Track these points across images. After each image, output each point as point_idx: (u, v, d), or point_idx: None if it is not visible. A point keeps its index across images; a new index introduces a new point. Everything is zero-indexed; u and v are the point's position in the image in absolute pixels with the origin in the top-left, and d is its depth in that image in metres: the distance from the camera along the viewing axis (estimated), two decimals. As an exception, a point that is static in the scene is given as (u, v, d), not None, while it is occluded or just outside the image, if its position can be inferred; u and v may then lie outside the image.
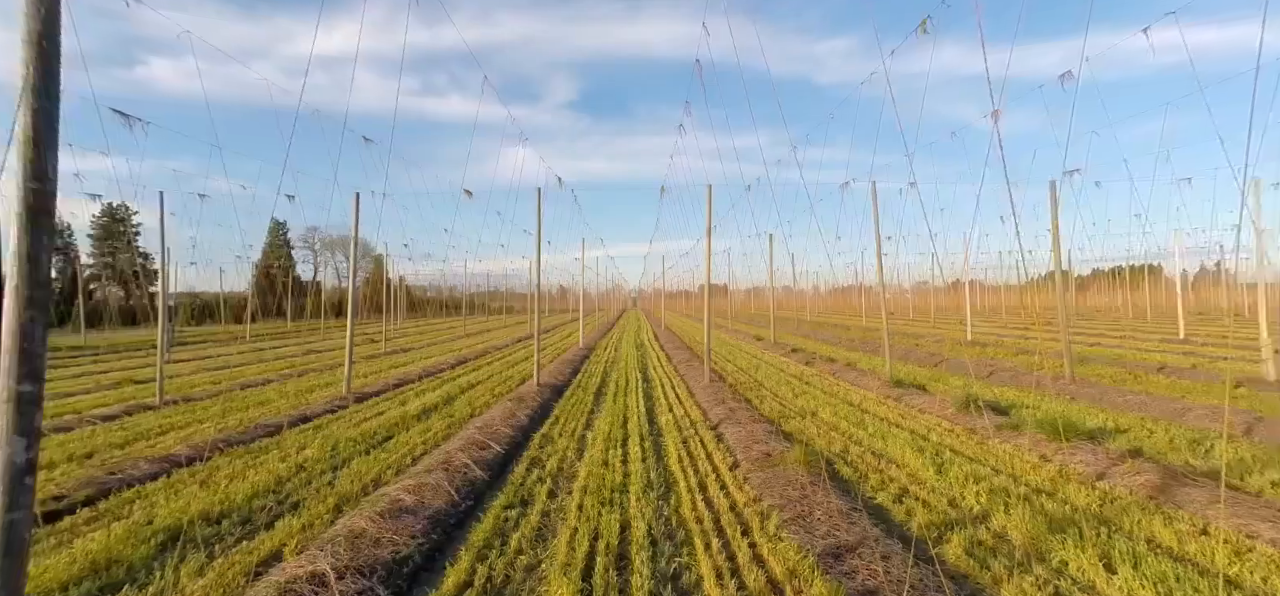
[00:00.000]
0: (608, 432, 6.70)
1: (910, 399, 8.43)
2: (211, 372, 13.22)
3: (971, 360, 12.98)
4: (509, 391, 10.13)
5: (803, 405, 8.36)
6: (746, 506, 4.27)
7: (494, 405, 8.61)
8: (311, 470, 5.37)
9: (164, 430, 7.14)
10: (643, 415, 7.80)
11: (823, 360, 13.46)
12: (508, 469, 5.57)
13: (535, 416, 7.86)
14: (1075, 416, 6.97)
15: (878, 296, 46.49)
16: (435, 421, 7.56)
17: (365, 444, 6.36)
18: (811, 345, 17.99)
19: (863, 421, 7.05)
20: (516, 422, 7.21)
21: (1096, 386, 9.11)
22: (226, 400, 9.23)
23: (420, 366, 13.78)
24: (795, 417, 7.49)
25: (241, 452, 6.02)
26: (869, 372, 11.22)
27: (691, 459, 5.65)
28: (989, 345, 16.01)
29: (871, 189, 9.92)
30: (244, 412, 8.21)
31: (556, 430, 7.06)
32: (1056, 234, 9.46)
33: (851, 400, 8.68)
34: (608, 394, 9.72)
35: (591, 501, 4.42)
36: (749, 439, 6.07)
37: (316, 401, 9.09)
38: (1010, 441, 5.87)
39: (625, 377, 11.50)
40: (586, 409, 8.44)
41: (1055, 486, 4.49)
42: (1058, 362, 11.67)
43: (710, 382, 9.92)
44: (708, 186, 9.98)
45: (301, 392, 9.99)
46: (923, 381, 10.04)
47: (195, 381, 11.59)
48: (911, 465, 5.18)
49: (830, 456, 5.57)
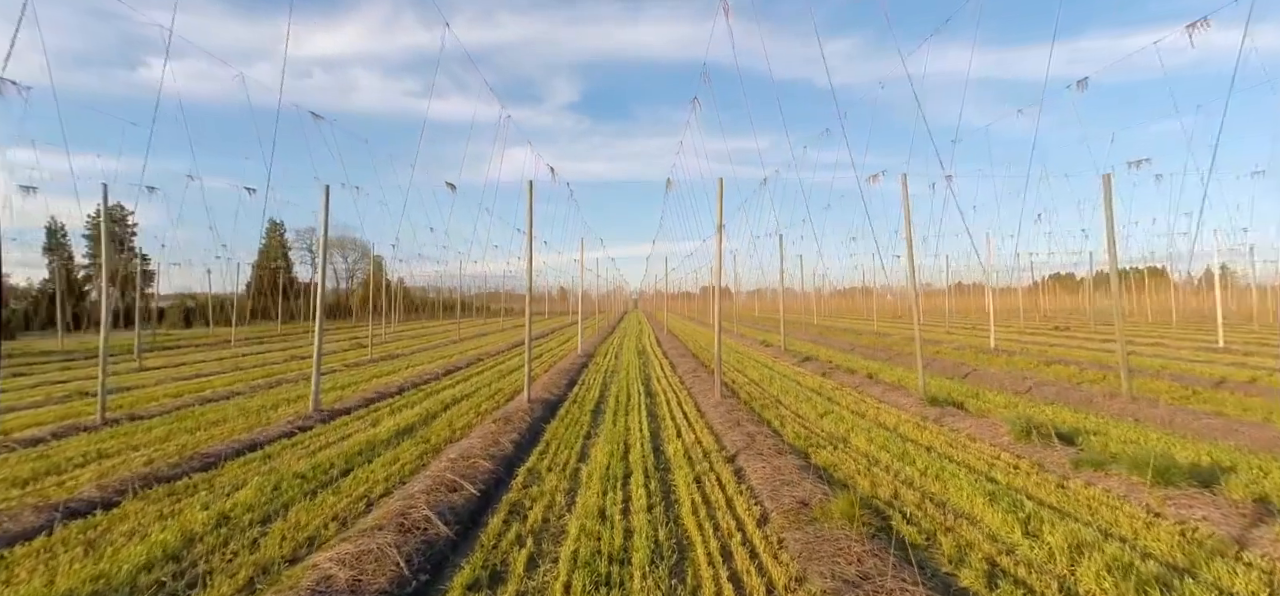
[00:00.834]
0: (606, 466, 5.65)
1: (952, 421, 7.37)
2: (179, 383, 12.19)
3: (1001, 371, 11.92)
4: (497, 408, 9.09)
5: (830, 428, 7.30)
6: (789, 593, 3.21)
7: (477, 426, 7.57)
8: (237, 522, 4.32)
9: (87, 460, 6.09)
10: (647, 441, 6.74)
11: (841, 371, 12.39)
12: (482, 519, 4.52)
13: (523, 442, 6.81)
14: (1159, 447, 5.91)
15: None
16: (407, 448, 6.51)
17: (316, 481, 5.31)
18: (824, 352, 16.92)
19: (906, 452, 5.99)
20: (499, 451, 6.16)
21: (1159, 405, 8.04)
22: (177, 419, 8.19)
23: (404, 376, 12.74)
24: (825, 446, 6.43)
25: (162, 494, 4.97)
26: (896, 387, 10.16)
27: (709, 507, 4.60)
28: (1015, 353, 14.94)
29: (902, 183, 8.88)
30: (190, 436, 7.17)
31: (546, 462, 6.01)
32: (1111, 231, 8.39)
33: (884, 422, 7.61)
34: (607, 411, 8.67)
35: (583, 579, 3.36)
36: (776, 477, 5.02)
37: (278, 420, 8.05)
38: (1097, 484, 4.81)
39: (626, 391, 10.45)
40: (582, 432, 7.39)
41: (1192, 560, 3.42)
42: (1105, 376, 10.61)
43: (721, 399, 8.86)
44: (719, 179, 8.95)
45: (266, 408, 8.95)
46: (959, 398, 8.98)
47: (155, 394, 10.55)
48: (988, 521, 4.12)
49: (880, 504, 4.52)
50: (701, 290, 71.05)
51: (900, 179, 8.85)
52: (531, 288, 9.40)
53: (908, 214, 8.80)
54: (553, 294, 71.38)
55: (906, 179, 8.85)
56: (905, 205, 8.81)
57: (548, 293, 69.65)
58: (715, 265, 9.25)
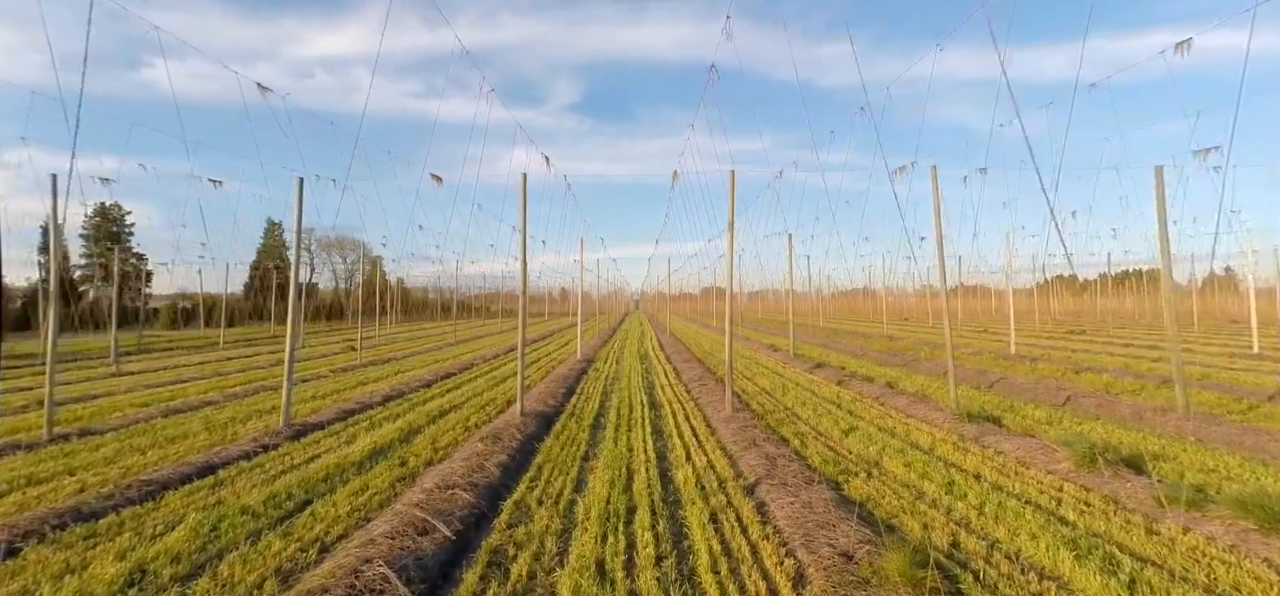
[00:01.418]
0: (606, 499, 4.85)
1: (993, 441, 6.57)
2: (151, 391, 11.40)
3: (1029, 380, 11.11)
4: (487, 421, 8.30)
5: (858, 449, 6.50)
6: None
7: (462, 444, 6.78)
8: (153, 580, 3.53)
9: (11, 488, 5.31)
10: (652, 464, 5.95)
11: (858, 379, 11.59)
12: (455, 573, 3.73)
13: (512, 465, 6.02)
14: (1247, 477, 5.11)
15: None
16: (378, 473, 5.73)
17: (265, 518, 4.53)
18: (835, 357, 16.11)
19: (952, 481, 5.19)
20: (484, 478, 5.37)
21: (1221, 423, 7.24)
22: (131, 435, 7.41)
23: (392, 383, 11.95)
24: (856, 472, 5.62)
25: (79, 537, 4.18)
26: (921, 398, 9.36)
27: (731, 559, 3.80)
28: (1037, 359, 14.13)
29: (932, 176, 8.08)
30: (140, 457, 6.38)
31: (537, 493, 5.21)
32: (1164, 228, 7.59)
33: (917, 441, 6.81)
34: (607, 426, 7.88)
35: (575, 675, 2.57)
36: (807, 516, 4.22)
37: (242, 437, 7.27)
38: (1196, 528, 4.01)
39: (629, 402, 9.65)
40: (579, 452, 6.60)
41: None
42: (1143, 386, 9.80)
43: (733, 412, 8.06)
44: (731, 171, 8.15)
45: (234, 422, 8.17)
46: (993, 411, 8.18)
47: (120, 404, 9.76)
48: (1082, 584, 3.32)
49: (938, 555, 3.72)
50: (702, 291, 70.19)
51: (930, 171, 8.05)
52: (526, 289, 8.61)
53: (938, 208, 8.01)
54: (553, 295, 70.65)
55: (936, 172, 8.06)
56: (935, 199, 8.02)
57: (548, 293, 68.95)
58: (726, 263, 8.46)
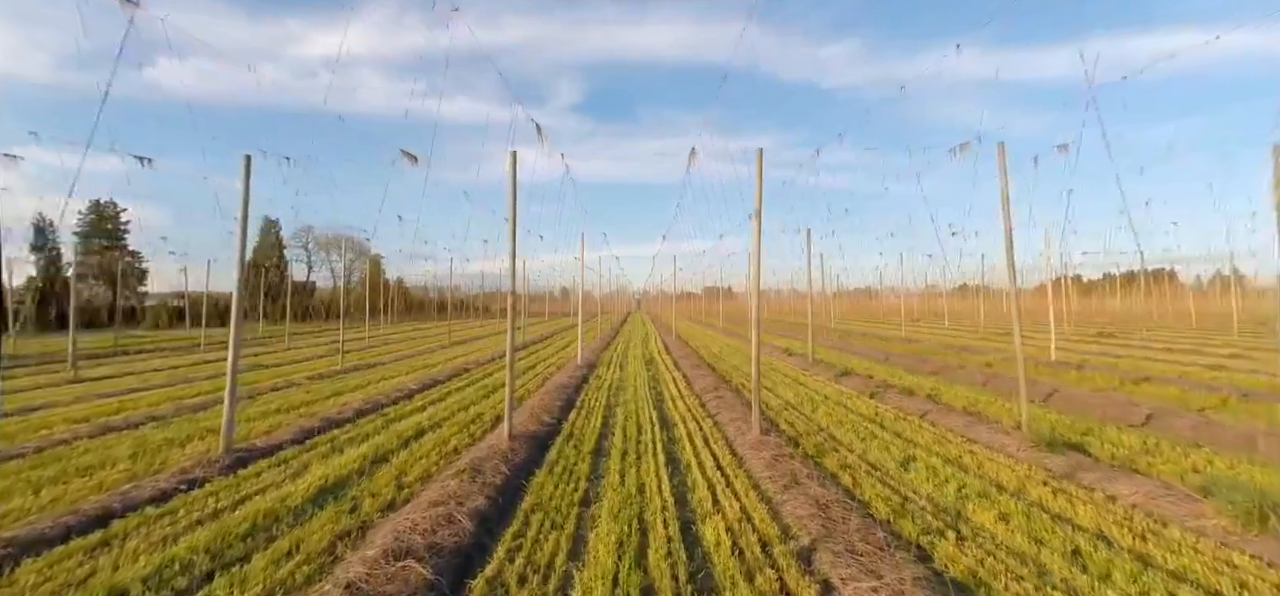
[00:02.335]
0: (613, 574, 3.57)
1: (1094, 479, 5.27)
2: (99, 401, 10.13)
3: (1085, 392, 9.80)
4: (470, 443, 7.03)
5: (926, 489, 5.20)
6: None
7: (435, 479, 5.50)
8: None
9: None
10: (671, 514, 4.66)
11: (894, 390, 10.28)
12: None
13: (491, 512, 4.73)
14: None
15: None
16: (320, 523, 4.45)
17: (139, 606, 3.25)
18: (858, 363, 14.79)
19: (1077, 548, 3.89)
20: (452, 535, 4.09)
21: (1359, 452, 5.94)
22: (41, 463, 6.14)
23: (368, 394, 10.66)
24: (938, 529, 4.33)
25: None
26: (975, 415, 8.07)
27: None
28: (1082, 366, 12.82)
29: (999, 152, 6.79)
30: (30, 498, 5.11)
31: (518, 566, 3.91)
32: (1281, 220, 6.29)
33: (997, 478, 5.51)
34: (612, 453, 6.59)
35: None
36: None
37: (172, 466, 6.00)
38: None
39: (636, 419, 8.37)
40: (578, 494, 5.31)
41: None
42: (1226, 400, 8.49)
43: (761, 436, 6.77)
44: (758, 150, 6.86)
45: (171, 444, 6.91)
46: (1073, 437, 6.88)
47: (51, 420, 8.49)
48: None
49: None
50: (705, 290, 68.81)
51: (997, 149, 6.76)
52: (515, 288, 7.33)
53: (1005, 192, 6.72)
54: (553, 294, 69.32)
55: (1003, 149, 6.76)
56: (1002, 180, 6.72)
57: (548, 293, 67.61)
58: (752, 256, 7.16)
